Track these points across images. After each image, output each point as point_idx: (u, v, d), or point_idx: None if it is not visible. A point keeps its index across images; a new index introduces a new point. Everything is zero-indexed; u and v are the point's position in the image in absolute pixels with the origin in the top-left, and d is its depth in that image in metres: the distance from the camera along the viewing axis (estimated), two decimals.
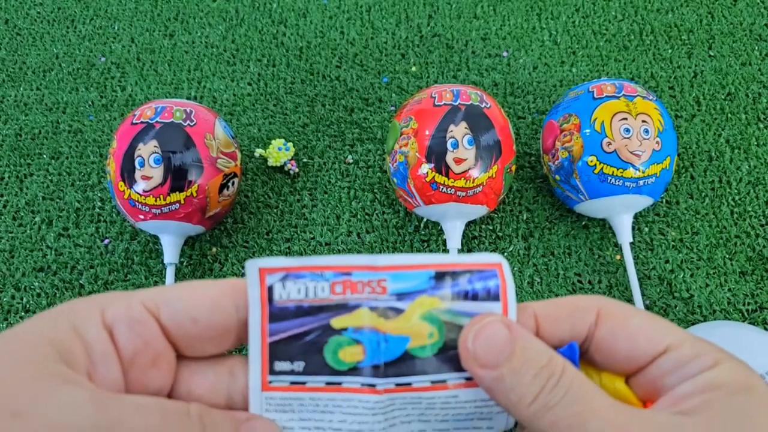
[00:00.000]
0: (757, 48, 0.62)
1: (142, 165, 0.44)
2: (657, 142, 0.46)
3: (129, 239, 0.52)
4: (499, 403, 0.19)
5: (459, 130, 0.45)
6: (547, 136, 0.50)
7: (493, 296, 0.20)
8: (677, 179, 0.54)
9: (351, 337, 0.20)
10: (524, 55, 0.62)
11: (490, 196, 0.47)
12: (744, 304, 0.48)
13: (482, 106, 0.47)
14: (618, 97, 0.46)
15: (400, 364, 0.20)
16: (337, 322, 0.20)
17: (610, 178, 0.46)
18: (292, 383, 0.20)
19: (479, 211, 0.48)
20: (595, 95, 0.47)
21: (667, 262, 0.50)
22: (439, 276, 0.20)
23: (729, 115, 0.58)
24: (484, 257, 0.21)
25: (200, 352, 0.20)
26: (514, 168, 0.49)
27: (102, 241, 0.52)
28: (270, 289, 0.20)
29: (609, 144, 0.45)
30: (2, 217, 0.54)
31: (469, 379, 0.20)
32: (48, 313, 0.19)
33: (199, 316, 0.19)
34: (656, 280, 0.49)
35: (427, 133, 0.46)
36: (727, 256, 0.50)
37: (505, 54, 0.63)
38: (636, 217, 0.52)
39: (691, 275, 0.49)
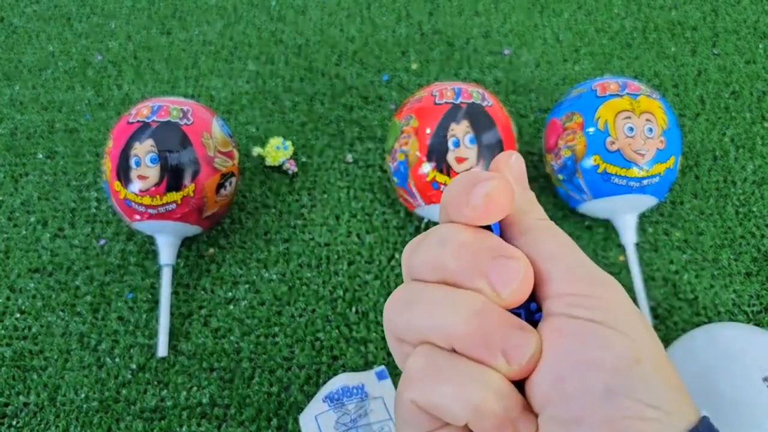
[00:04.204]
0: (761, 46, 0.61)
1: (138, 164, 0.44)
2: (661, 141, 0.45)
3: (125, 240, 0.51)
4: None
5: (460, 129, 0.44)
6: (550, 135, 0.49)
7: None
8: (681, 179, 0.53)
9: None
10: (526, 53, 0.62)
11: None
12: (749, 305, 0.47)
13: (484, 104, 0.46)
14: (621, 96, 0.46)
15: None
16: None
17: (613, 177, 0.45)
18: None
19: None
20: (598, 93, 0.46)
21: (671, 263, 0.49)
22: None
23: (733, 113, 0.57)
24: None
25: None
26: None
27: (98, 241, 0.51)
28: None
29: (612, 143, 0.45)
30: None
31: None
32: None
33: None
34: (661, 281, 0.48)
35: (428, 131, 0.45)
36: (732, 256, 0.49)
37: (506, 51, 0.62)
38: (640, 217, 0.51)
39: (696, 276, 0.49)
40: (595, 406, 0.18)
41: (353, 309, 0.47)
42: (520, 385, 0.19)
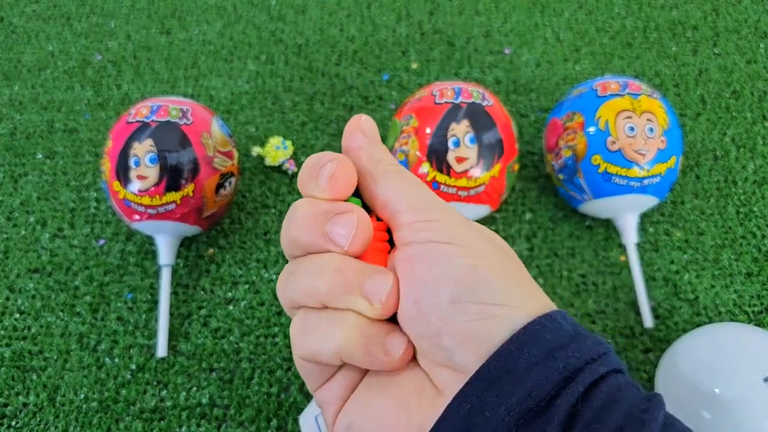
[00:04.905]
0: (762, 45, 0.61)
1: (137, 164, 0.44)
2: (662, 141, 0.45)
3: (124, 240, 0.51)
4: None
5: (460, 129, 0.44)
6: (551, 135, 0.49)
7: None
8: (682, 179, 0.53)
9: None
10: (527, 53, 0.62)
11: (492, 196, 0.46)
12: (750, 306, 0.47)
13: (484, 103, 0.46)
14: (622, 95, 0.46)
15: None
16: None
17: (614, 177, 0.45)
18: None
19: (482, 211, 0.47)
20: (599, 93, 0.46)
21: (672, 263, 0.49)
22: None
23: (734, 113, 0.57)
24: None
25: None
26: (516, 167, 0.48)
27: (97, 241, 0.51)
28: None
29: (613, 143, 0.44)
30: None
31: None
32: None
33: None
34: (661, 281, 0.48)
35: (428, 131, 0.45)
36: (733, 257, 0.49)
37: (507, 51, 0.62)
38: (640, 217, 0.51)
39: (697, 276, 0.48)
40: (445, 316, 0.20)
41: None
42: (394, 318, 0.22)
